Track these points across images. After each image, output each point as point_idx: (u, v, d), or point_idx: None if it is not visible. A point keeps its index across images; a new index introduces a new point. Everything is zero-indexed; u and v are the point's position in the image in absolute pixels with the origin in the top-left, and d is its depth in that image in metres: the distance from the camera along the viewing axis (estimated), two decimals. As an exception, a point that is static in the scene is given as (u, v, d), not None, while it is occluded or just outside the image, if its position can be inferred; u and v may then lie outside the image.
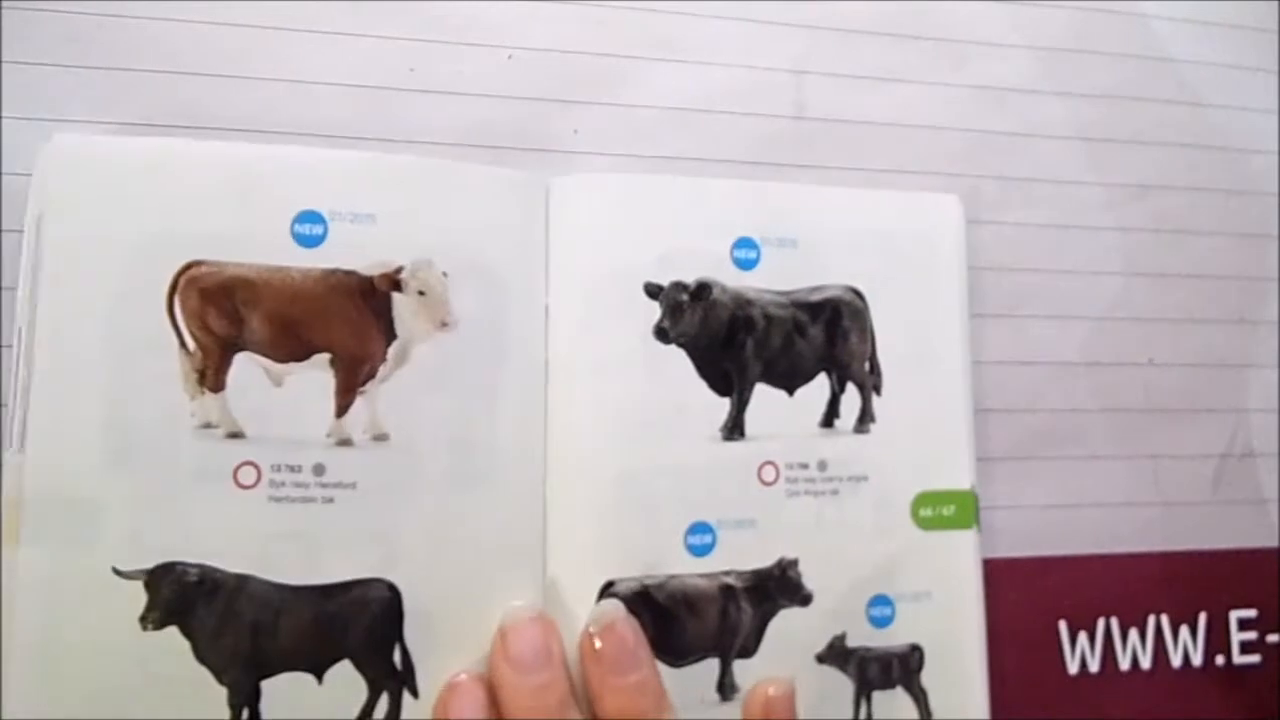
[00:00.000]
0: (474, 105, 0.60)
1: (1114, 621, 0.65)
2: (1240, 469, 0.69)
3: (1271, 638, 0.67)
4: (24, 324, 0.51)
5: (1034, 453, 0.65)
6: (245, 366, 0.52)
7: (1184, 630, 0.66)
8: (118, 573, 0.49)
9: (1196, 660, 0.66)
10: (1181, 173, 0.70)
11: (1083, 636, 0.65)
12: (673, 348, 0.58)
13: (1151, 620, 0.66)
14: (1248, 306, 0.70)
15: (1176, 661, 0.66)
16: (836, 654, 0.58)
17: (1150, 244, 0.69)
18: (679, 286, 0.58)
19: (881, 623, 0.59)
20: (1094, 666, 0.65)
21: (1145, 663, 0.65)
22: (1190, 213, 0.70)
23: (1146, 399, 0.68)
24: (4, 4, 0.54)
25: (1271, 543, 0.68)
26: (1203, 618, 0.66)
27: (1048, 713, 0.63)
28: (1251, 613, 0.67)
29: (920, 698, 0.59)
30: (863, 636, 0.59)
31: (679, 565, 0.56)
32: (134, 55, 0.56)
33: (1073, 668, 0.64)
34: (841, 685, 0.58)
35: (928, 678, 0.60)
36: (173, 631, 0.49)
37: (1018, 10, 0.69)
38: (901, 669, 0.59)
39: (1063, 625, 0.64)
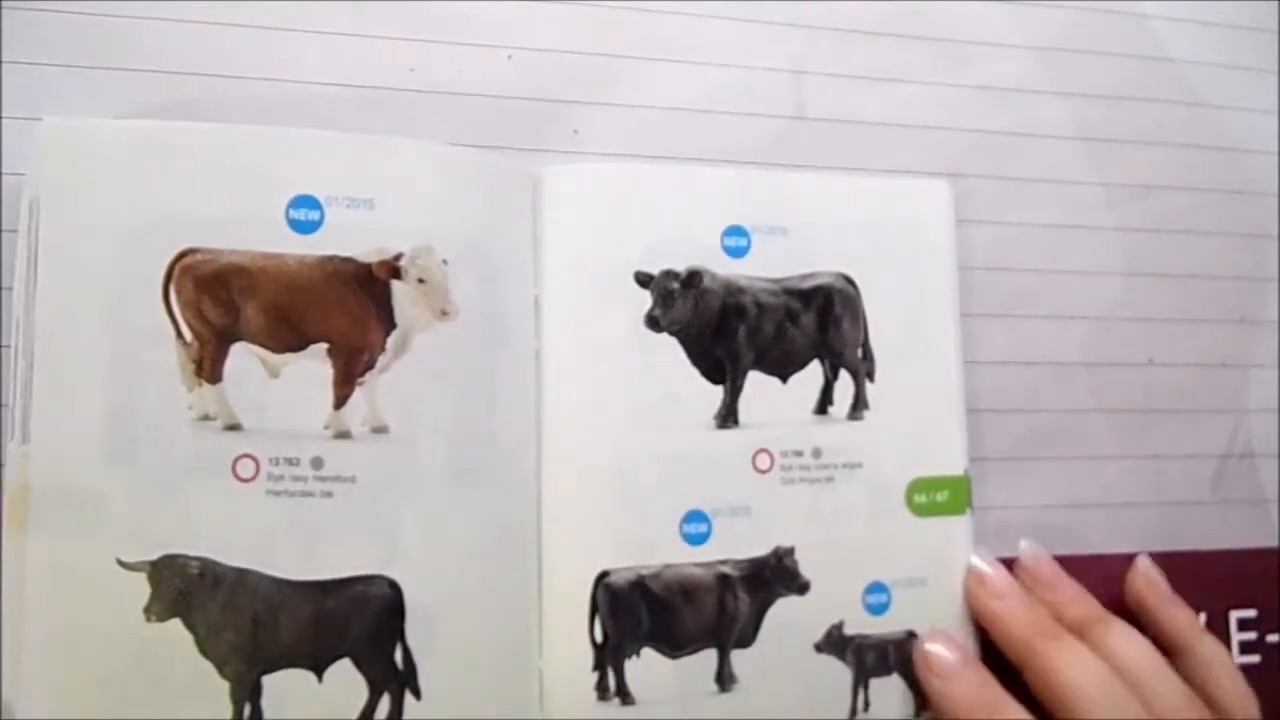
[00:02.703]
0: (473, 105, 0.60)
1: (1114, 622, 0.65)
2: (1240, 469, 0.68)
3: (1271, 638, 0.67)
4: (22, 314, 0.50)
5: (1034, 453, 0.65)
6: (242, 357, 0.52)
7: (1184, 631, 0.66)
8: (122, 564, 0.48)
9: (1197, 661, 0.66)
10: (1182, 173, 0.70)
11: (1083, 637, 0.64)
12: (665, 336, 0.58)
13: (1152, 621, 0.65)
14: (1248, 306, 0.70)
15: (1177, 662, 0.66)
16: (834, 643, 0.58)
17: (1150, 244, 0.69)
18: (669, 275, 0.58)
19: (878, 610, 0.59)
20: (1094, 667, 0.64)
21: (1146, 663, 0.65)
22: (1190, 213, 0.70)
23: (1146, 399, 0.68)
24: (4, 4, 0.54)
25: (1271, 543, 0.68)
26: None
27: (1048, 713, 0.63)
28: (1251, 613, 0.67)
29: (917, 685, 0.59)
30: (860, 624, 0.59)
31: (674, 554, 0.56)
32: (133, 55, 0.56)
33: (1073, 668, 0.64)
34: (839, 674, 0.58)
35: (924, 664, 0.60)
36: (176, 624, 0.49)
37: (1018, 10, 0.69)
38: (898, 656, 0.59)
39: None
